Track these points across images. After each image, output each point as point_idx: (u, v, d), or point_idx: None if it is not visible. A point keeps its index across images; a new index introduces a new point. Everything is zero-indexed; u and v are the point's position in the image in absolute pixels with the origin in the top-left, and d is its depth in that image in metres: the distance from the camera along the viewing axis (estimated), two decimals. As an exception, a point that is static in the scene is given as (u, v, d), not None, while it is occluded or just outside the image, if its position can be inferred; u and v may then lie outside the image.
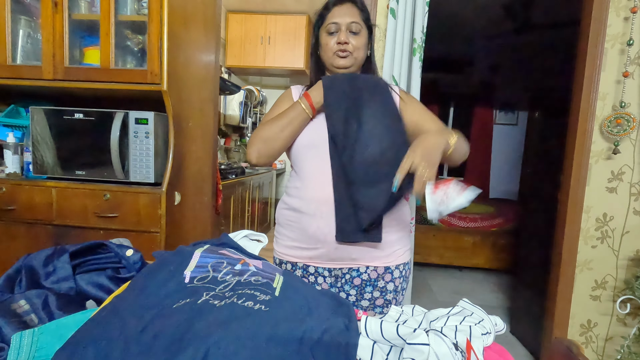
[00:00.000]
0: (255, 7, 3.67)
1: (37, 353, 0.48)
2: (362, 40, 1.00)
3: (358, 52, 1.00)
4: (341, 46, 0.98)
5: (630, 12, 1.73)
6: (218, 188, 2.29)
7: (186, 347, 0.42)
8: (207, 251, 0.63)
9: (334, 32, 0.99)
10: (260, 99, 4.08)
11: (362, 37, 1.00)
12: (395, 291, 1.04)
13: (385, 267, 1.02)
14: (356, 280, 1.02)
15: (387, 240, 1.00)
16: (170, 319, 0.46)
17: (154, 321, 0.45)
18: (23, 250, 0.88)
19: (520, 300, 2.50)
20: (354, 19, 0.98)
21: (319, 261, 1.02)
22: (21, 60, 1.62)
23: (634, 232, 1.84)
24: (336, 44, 0.98)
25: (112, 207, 1.51)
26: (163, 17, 1.46)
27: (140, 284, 0.54)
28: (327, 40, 1.00)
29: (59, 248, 0.69)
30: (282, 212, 1.08)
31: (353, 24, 0.98)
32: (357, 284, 1.02)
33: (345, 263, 1.01)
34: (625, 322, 1.89)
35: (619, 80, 1.79)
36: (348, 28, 0.98)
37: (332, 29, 0.98)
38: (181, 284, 0.53)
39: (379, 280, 1.02)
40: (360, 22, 0.99)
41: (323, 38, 1.01)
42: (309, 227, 0.99)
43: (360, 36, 0.99)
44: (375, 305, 1.03)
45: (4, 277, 0.65)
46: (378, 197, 0.90)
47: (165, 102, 1.51)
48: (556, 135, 2.09)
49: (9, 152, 1.64)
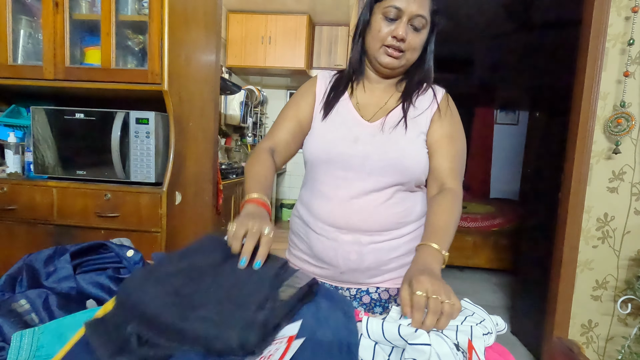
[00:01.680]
0: (255, 6, 3.67)
1: (37, 352, 0.48)
2: (422, 39, 0.83)
3: (413, 52, 0.84)
4: (395, 42, 0.81)
5: (631, 12, 1.73)
6: (219, 188, 2.29)
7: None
8: None
9: (392, 20, 0.80)
10: (260, 99, 4.08)
11: (423, 34, 0.83)
12: (396, 299, 0.94)
13: (397, 288, 0.91)
14: (365, 298, 0.92)
15: (401, 263, 0.90)
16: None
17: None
18: (24, 250, 0.88)
19: (521, 300, 2.50)
20: (421, 12, 0.79)
21: (326, 280, 0.93)
22: (22, 60, 1.62)
23: (635, 232, 1.84)
24: (391, 36, 0.81)
25: (112, 207, 1.51)
26: (164, 17, 1.46)
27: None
28: (381, 25, 0.81)
29: (59, 248, 0.70)
30: (294, 220, 1.00)
31: (417, 18, 0.79)
32: (365, 302, 0.92)
33: (353, 284, 0.92)
34: (626, 322, 1.89)
35: (619, 80, 1.78)
36: (410, 20, 0.79)
37: (390, 14, 0.79)
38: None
39: (391, 302, 0.92)
40: (427, 16, 0.81)
41: (376, 20, 0.82)
42: (315, 245, 0.92)
43: (421, 34, 0.82)
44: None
45: (5, 276, 0.65)
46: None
47: (166, 102, 1.51)
48: (557, 135, 2.09)
49: (10, 152, 1.64)
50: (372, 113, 0.90)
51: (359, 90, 0.94)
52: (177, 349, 0.45)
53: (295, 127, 0.93)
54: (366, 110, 0.91)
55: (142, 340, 0.46)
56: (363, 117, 0.89)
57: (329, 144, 0.88)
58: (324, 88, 0.94)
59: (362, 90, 0.94)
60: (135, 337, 0.45)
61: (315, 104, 0.93)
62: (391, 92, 0.92)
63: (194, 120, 1.73)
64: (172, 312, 0.47)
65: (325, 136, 0.89)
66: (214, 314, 0.47)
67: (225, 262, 0.60)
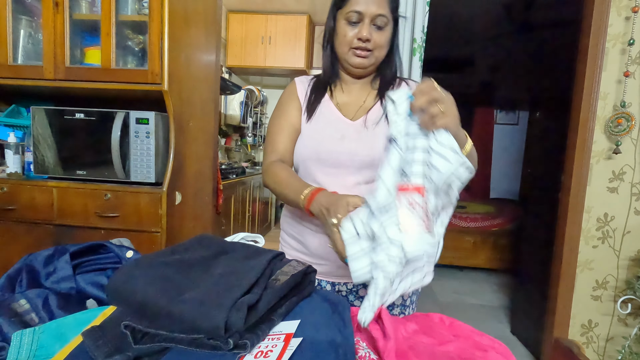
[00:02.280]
0: (255, 7, 3.67)
1: (37, 352, 0.48)
2: (387, 36, 0.86)
3: (380, 50, 0.87)
4: (362, 43, 0.84)
5: (632, 12, 1.73)
6: (219, 188, 2.29)
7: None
8: None
9: (355, 23, 0.84)
10: (260, 98, 4.08)
11: (387, 32, 0.86)
12: (403, 305, 0.95)
13: None
14: (361, 291, 0.93)
15: None
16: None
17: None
18: (24, 250, 0.88)
19: (521, 300, 2.50)
20: (381, 11, 0.82)
21: (322, 276, 0.94)
22: (22, 60, 1.62)
23: (635, 232, 1.84)
24: (356, 38, 0.85)
25: (113, 206, 1.51)
26: (164, 17, 1.46)
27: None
28: (346, 30, 0.85)
29: (59, 248, 0.70)
30: (286, 220, 1.01)
31: (378, 18, 0.83)
32: (362, 295, 0.93)
33: (349, 279, 0.89)
34: (626, 322, 1.89)
35: (619, 80, 1.78)
36: (372, 21, 0.83)
37: (353, 18, 0.83)
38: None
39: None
40: (388, 14, 0.84)
41: (340, 25, 0.86)
42: (310, 243, 0.93)
43: (384, 31, 0.85)
44: (393, 306, 0.94)
45: (5, 276, 0.65)
46: None
47: (166, 102, 1.51)
48: (557, 135, 2.09)
49: (10, 152, 1.64)
50: (354, 112, 0.94)
51: (337, 91, 0.97)
52: (168, 338, 0.45)
53: (292, 133, 0.95)
54: (347, 109, 0.94)
55: (137, 338, 0.46)
56: (346, 116, 0.93)
57: (317, 143, 0.90)
58: (304, 92, 0.97)
59: (340, 92, 0.97)
60: (131, 335, 0.45)
61: (302, 107, 0.96)
62: (368, 90, 0.96)
63: (194, 120, 1.73)
64: (161, 297, 0.48)
65: (314, 136, 0.92)
66: (201, 296, 0.47)
67: (218, 256, 0.60)
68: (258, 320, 0.48)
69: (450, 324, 0.62)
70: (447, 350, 0.54)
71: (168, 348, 0.46)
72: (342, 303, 0.60)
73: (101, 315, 0.54)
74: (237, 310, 0.45)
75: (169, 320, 0.46)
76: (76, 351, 0.47)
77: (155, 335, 0.46)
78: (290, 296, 0.54)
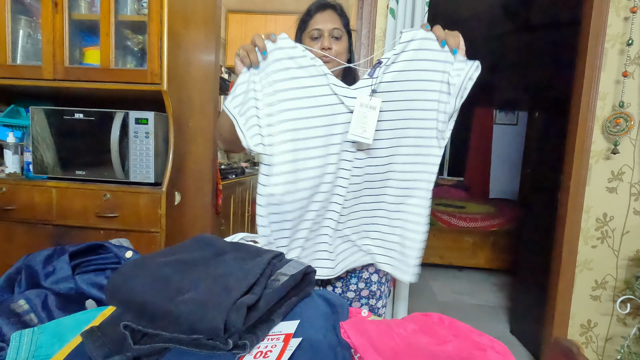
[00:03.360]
0: (255, 7, 3.67)
1: (36, 352, 0.48)
2: (344, 45, 1.04)
3: (340, 57, 1.04)
4: (324, 52, 1.01)
5: (630, 12, 1.73)
6: (218, 188, 2.29)
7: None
8: None
9: (317, 38, 1.02)
10: (260, 99, 4.08)
11: (344, 42, 1.05)
12: (379, 282, 1.08)
13: (385, 272, 1.06)
14: (353, 280, 1.06)
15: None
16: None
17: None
18: (23, 250, 0.88)
19: (521, 300, 2.50)
20: (335, 25, 1.02)
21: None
22: (21, 60, 1.62)
23: (634, 232, 1.84)
24: (320, 49, 1.01)
25: (112, 207, 1.51)
26: (163, 17, 1.46)
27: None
28: (311, 45, 1.02)
29: (58, 248, 0.69)
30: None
31: (335, 30, 1.02)
32: (342, 277, 1.05)
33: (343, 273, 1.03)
34: (625, 322, 1.89)
35: (618, 80, 1.79)
36: (330, 34, 1.02)
37: (315, 35, 1.02)
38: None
39: (363, 272, 1.06)
40: (341, 27, 1.03)
41: (306, 43, 1.05)
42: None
43: (341, 41, 1.04)
44: (360, 297, 1.06)
45: (4, 277, 0.65)
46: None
47: (165, 102, 1.51)
48: (556, 135, 2.09)
49: (9, 152, 1.64)
50: None
51: None
52: (168, 338, 0.45)
53: None
54: None
55: (136, 338, 0.46)
56: None
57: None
58: None
59: None
60: (130, 336, 0.45)
61: None
62: None
63: (193, 120, 1.73)
64: (161, 298, 0.48)
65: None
66: (200, 297, 0.47)
67: (217, 257, 0.60)
68: (257, 321, 0.48)
69: (450, 324, 0.62)
70: (446, 350, 0.54)
71: (167, 348, 0.46)
72: (341, 303, 0.60)
73: (100, 315, 0.54)
74: (236, 310, 0.45)
75: (168, 321, 0.45)
76: (75, 352, 0.47)
77: (155, 335, 0.46)
78: (289, 296, 0.54)
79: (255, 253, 0.60)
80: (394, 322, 0.60)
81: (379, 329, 0.55)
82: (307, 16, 1.05)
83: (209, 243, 0.64)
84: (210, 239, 0.66)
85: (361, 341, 0.52)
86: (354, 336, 0.52)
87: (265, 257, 0.58)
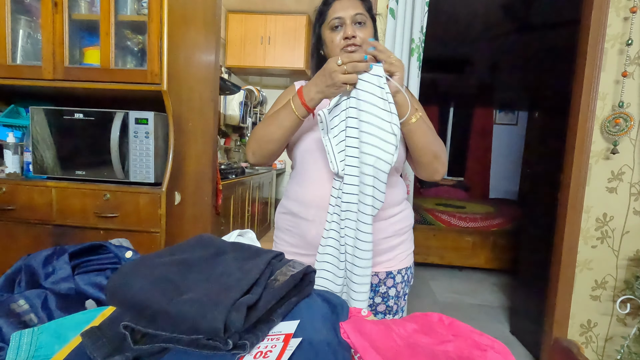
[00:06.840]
0: (255, 7, 3.67)
1: (36, 352, 0.48)
2: (369, 31, 0.95)
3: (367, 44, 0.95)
4: (349, 41, 0.92)
5: (630, 12, 1.73)
6: (218, 188, 2.29)
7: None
8: None
9: (338, 27, 0.93)
10: (260, 99, 4.08)
11: (369, 27, 0.95)
12: (397, 297, 1.01)
13: (387, 272, 0.99)
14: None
15: (390, 245, 0.99)
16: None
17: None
18: (23, 250, 0.88)
19: (520, 300, 2.50)
20: (358, 10, 0.93)
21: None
22: (21, 60, 1.62)
23: (634, 232, 1.85)
24: (343, 39, 0.92)
25: (112, 207, 1.51)
26: (163, 17, 1.46)
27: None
28: (332, 36, 0.94)
29: (58, 248, 0.69)
30: (280, 216, 1.05)
31: (358, 16, 0.92)
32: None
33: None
34: (625, 322, 1.90)
35: (618, 80, 1.79)
36: (353, 20, 0.92)
37: (335, 24, 0.93)
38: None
39: (381, 286, 0.99)
40: (364, 12, 0.94)
41: (327, 35, 0.95)
42: (307, 233, 0.96)
43: (366, 27, 0.94)
44: (377, 312, 1.00)
45: (4, 277, 0.65)
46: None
47: (165, 102, 1.51)
48: (556, 135, 2.09)
49: (9, 152, 1.64)
50: None
51: None
52: (167, 338, 0.45)
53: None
54: None
55: (136, 338, 0.46)
56: None
57: (318, 135, 0.95)
58: None
59: None
60: (130, 336, 0.45)
61: None
62: None
63: (193, 120, 1.73)
64: (160, 298, 0.48)
65: (315, 128, 0.97)
66: (200, 297, 0.47)
67: (217, 256, 0.60)
68: (257, 321, 0.48)
69: (450, 324, 0.62)
70: (446, 350, 0.54)
71: (167, 349, 0.46)
72: (341, 303, 0.60)
73: (100, 315, 0.54)
74: (236, 310, 0.45)
75: (168, 321, 0.45)
76: (75, 352, 0.47)
77: (155, 335, 0.46)
78: (289, 296, 0.54)
79: (255, 253, 0.60)
80: (393, 322, 0.60)
81: (378, 329, 0.55)
82: (325, 6, 0.95)
83: (208, 243, 0.64)
84: (210, 238, 0.66)
85: (361, 341, 0.52)
86: (354, 336, 0.52)
87: (265, 257, 0.57)
